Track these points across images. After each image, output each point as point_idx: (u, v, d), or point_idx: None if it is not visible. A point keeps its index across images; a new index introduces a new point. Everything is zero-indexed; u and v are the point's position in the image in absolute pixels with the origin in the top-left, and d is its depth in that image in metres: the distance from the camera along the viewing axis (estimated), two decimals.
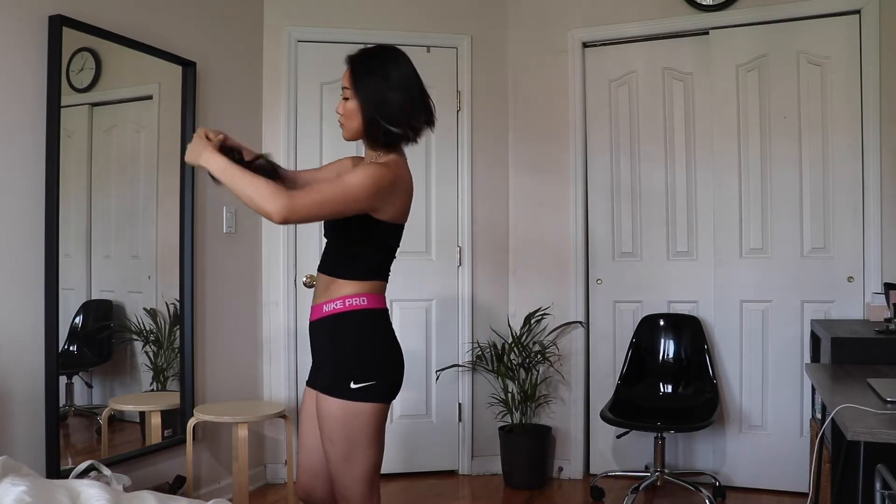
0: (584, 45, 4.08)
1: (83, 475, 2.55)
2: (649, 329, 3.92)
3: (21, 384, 2.61)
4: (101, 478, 2.57)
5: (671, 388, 3.83)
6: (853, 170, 3.58)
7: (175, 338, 3.35)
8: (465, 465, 4.08)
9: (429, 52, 4.06)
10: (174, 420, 3.30)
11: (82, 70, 2.90)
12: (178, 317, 3.35)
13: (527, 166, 4.16)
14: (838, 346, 2.78)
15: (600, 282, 4.07)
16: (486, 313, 4.13)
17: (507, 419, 3.99)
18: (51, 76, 2.70)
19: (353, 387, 1.94)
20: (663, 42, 3.96)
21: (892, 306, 3.05)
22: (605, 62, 4.07)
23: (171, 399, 3.32)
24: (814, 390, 3.30)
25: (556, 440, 4.06)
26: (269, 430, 3.92)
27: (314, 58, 3.95)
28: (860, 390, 2.17)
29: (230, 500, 2.82)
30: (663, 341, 3.90)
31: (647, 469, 3.84)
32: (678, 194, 3.93)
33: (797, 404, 3.67)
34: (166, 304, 3.32)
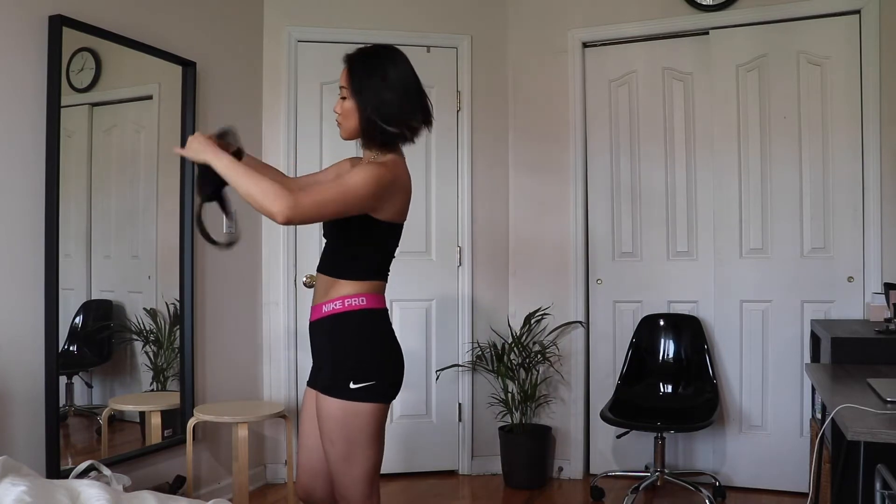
0: (584, 45, 4.08)
1: (83, 475, 2.55)
2: (649, 329, 3.92)
3: (21, 384, 2.61)
4: (101, 478, 2.57)
5: (671, 388, 3.83)
6: (853, 170, 3.58)
7: (175, 338, 3.35)
8: (465, 465, 4.08)
9: (429, 52, 4.06)
10: (174, 420, 3.30)
11: (82, 70, 2.90)
12: (178, 317, 3.35)
13: (527, 166, 4.16)
14: (838, 346, 2.78)
15: (600, 282, 4.07)
16: (486, 313, 4.13)
17: (507, 419, 3.99)
18: (51, 76, 2.70)
19: (353, 387, 1.94)
20: (663, 42, 3.96)
21: (892, 306, 3.05)
22: (605, 62, 4.07)
23: (171, 399, 3.32)
24: (814, 390, 3.30)
25: (556, 440, 4.06)
26: (269, 430, 3.92)
27: (314, 58, 3.95)
28: (860, 390, 2.17)
29: (230, 500, 2.82)
30: (663, 341, 3.90)
31: (647, 469, 3.84)
32: (678, 194, 3.93)
33: (797, 404, 3.67)
34: (166, 304, 3.32)
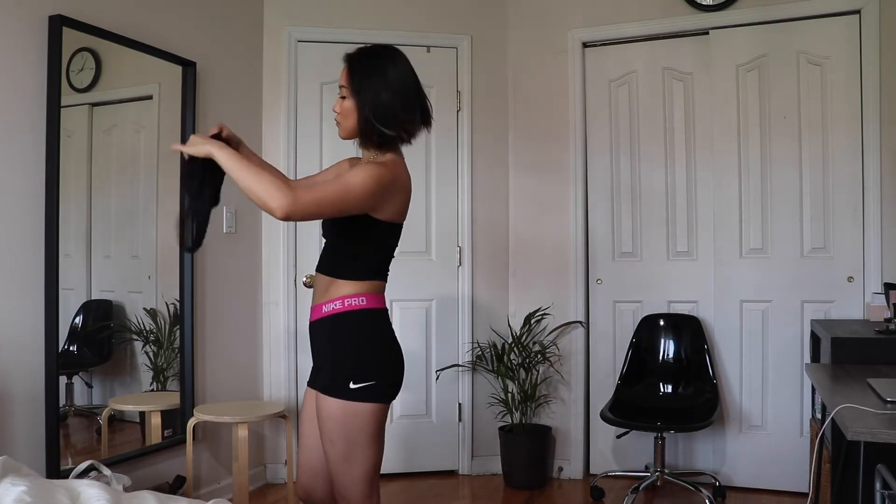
0: (584, 45, 4.08)
1: (83, 475, 2.55)
2: (649, 329, 3.92)
3: (21, 384, 2.61)
4: (101, 478, 2.57)
5: (671, 388, 3.83)
6: (853, 170, 3.58)
7: (175, 338, 3.35)
8: (465, 465, 4.08)
9: (429, 52, 4.06)
10: (174, 420, 3.30)
11: (82, 70, 2.90)
12: (178, 317, 3.35)
13: (527, 166, 4.16)
14: (838, 346, 2.78)
15: (600, 282, 4.07)
16: (486, 313, 4.13)
17: (507, 419, 3.99)
18: (51, 76, 2.70)
19: (353, 387, 1.94)
20: (663, 42, 3.96)
21: (892, 306, 3.05)
22: (605, 62, 4.07)
23: (171, 399, 3.32)
24: (814, 390, 3.30)
25: (556, 440, 4.06)
26: (269, 430, 3.92)
27: (314, 58, 3.95)
28: (860, 390, 2.17)
29: (230, 500, 2.82)
30: (663, 341, 3.90)
31: (647, 469, 3.84)
32: (678, 194, 3.93)
33: (797, 404, 3.67)
34: (166, 304, 3.32)
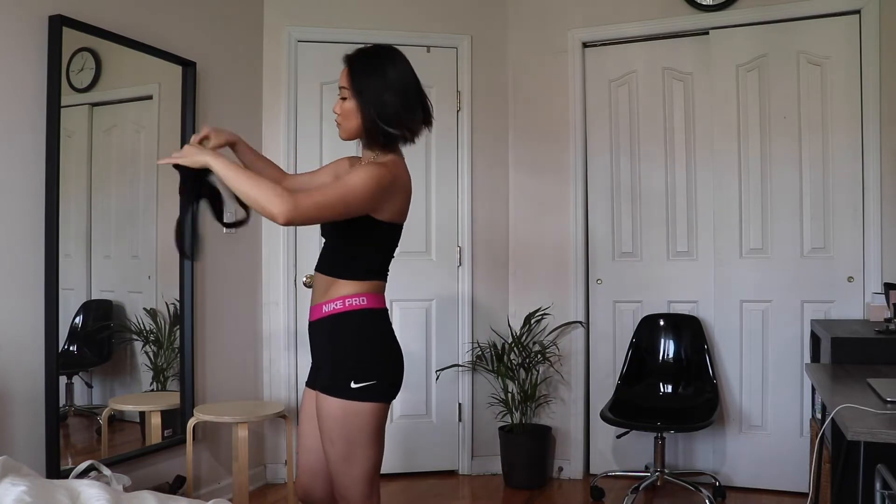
0: (584, 45, 4.08)
1: (83, 475, 2.55)
2: (649, 329, 3.92)
3: (21, 384, 2.61)
4: (101, 478, 2.57)
5: (671, 388, 3.83)
6: (853, 170, 3.58)
7: (175, 338, 3.35)
8: (465, 465, 4.08)
9: (429, 52, 4.06)
10: (174, 420, 3.30)
11: (82, 70, 2.90)
12: (178, 317, 3.35)
13: (527, 166, 4.16)
14: (838, 346, 2.78)
15: (600, 282, 4.07)
16: (486, 313, 4.12)
17: (507, 419, 3.99)
18: (51, 76, 2.70)
19: (354, 386, 1.94)
20: (663, 42, 3.96)
21: (892, 306, 3.05)
22: (605, 62, 4.07)
23: (171, 399, 3.32)
24: (814, 390, 3.30)
25: (556, 440, 4.06)
26: (269, 430, 3.92)
27: (314, 58, 3.95)
28: (860, 390, 2.17)
29: (230, 500, 2.82)
30: (663, 341, 3.90)
31: (647, 469, 3.84)
32: (678, 194, 3.93)
33: (797, 404, 3.67)
34: (166, 304, 3.32)
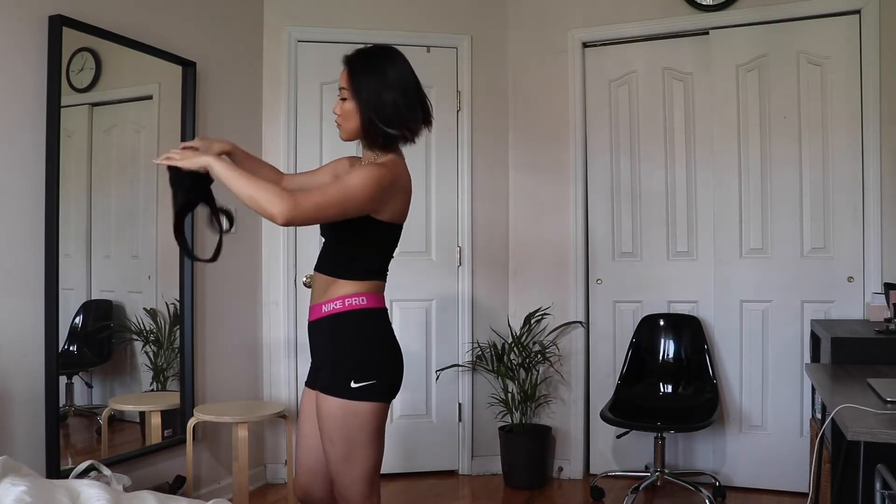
0: (584, 45, 4.08)
1: (83, 475, 2.55)
2: (649, 329, 3.92)
3: (21, 384, 2.61)
4: (101, 478, 2.57)
5: (671, 388, 3.83)
6: (853, 170, 3.58)
7: (175, 338, 3.35)
8: (465, 465, 4.08)
9: (429, 52, 4.06)
10: (174, 420, 3.30)
11: (82, 70, 2.90)
12: (178, 317, 3.35)
13: (527, 166, 4.16)
14: (838, 346, 2.78)
15: (600, 282, 4.07)
16: (486, 313, 4.12)
17: (507, 419, 3.99)
18: (51, 76, 2.70)
19: (353, 386, 1.94)
20: (663, 42, 3.96)
21: (892, 306, 3.05)
22: (605, 62, 4.07)
23: (171, 399, 3.32)
24: (814, 390, 3.30)
25: (556, 440, 4.06)
26: (269, 430, 3.92)
27: (314, 58, 3.95)
28: (860, 390, 2.17)
29: (230, 500, 2.82)
30: (663, 341, 3.90)
31: (647, 469, 3.84)
32: (678, 194, 3.93)
33: (797, 404, 3.67)
34: (166, 304, 3.32)
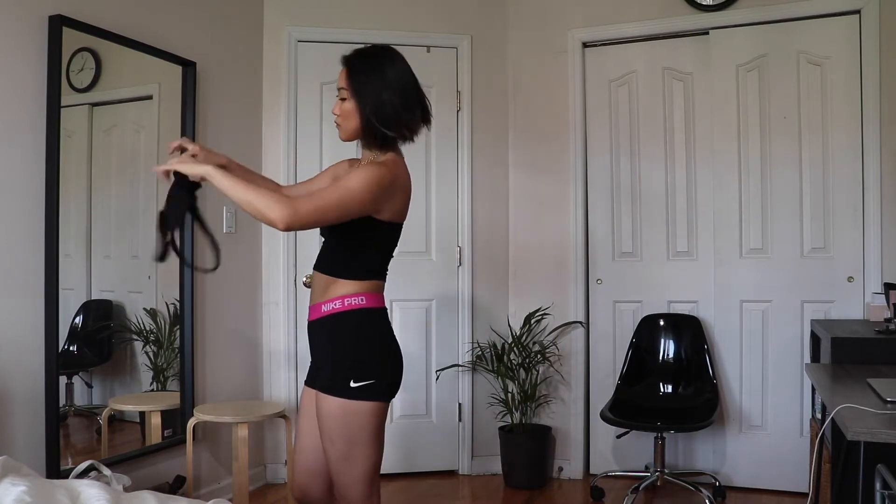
0: (584, 45, 4.08)
1: (83, 475, 2.55)
2: (649, 329, 3.92)
3: (21, 384, 2.61)
4: (101, 478, 2.57)
5: (671, 388, 3.83)
6: (853, 170, 3.58)
7: (175, 338, 3.35)
8: (465, 465, 4.08)
9: (429, 52, 4.06)
10: (174, 420, 3.30)
11: (82, 70, 2.90)
12: (178, 317, 3.35)
13: (527, 166, 4.16)
14: (838, 346, 2.78)
15: (600, 282, 4.07)
16: (486, 313, 4.12)
17: (507, 419, 3.99)
18: (51, 76, 2.70)
19: (353, 386, 1.94)
20: (663, 42, 3.96)
21: (892, 306, 3.05)
22: (605, 62, 4.07)
23: (171, 399, 3.32)
24: (814, 390, 3.30)
25: (556, 440, 4.06)
26: (269, 430, 3.92)
27: (314, 58, 3.95)
28: (860, 390, 2.17)
29: (230, 500, 2.82)
30: (663, 341, 3.90)
31: (647, 469, 3.84)
32: (678, 194, 3.93)
33: (797, 404, 3.67)
34: (166, 304, 3.32)
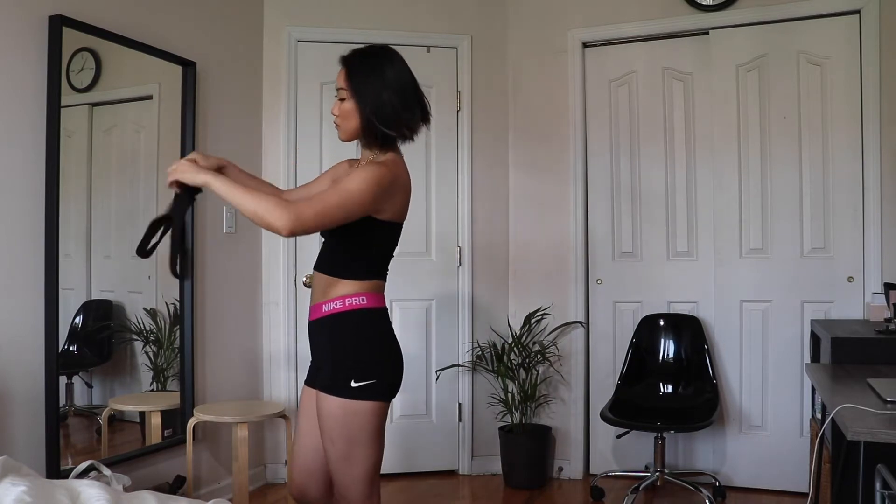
0: (584, 45, 4.08)
1: (83, 475, 2.55)
2: (649, 329, 3.92)
3: (21, 384, 2.61)
4: (101, 478, 2.57)
5: (671, 388, 3.83)
6: (853, 170, 3.58)
7: (175, 338, 3.35)
8: (465, 465, 4.08)
9: (429, 52, 4.06)
10: (174, 420, 3.30)
11: (82, 70, 2.90)
12: (178, 317, 3.35)
13: (527, 166, 4.16)
14: (838, 346, 2.78)
15: (600, 282, 4.07)
16: (486, 313, 4.12)
17: (507, 419, 3.99)
18: (51, 76, 2.70)
19: (353, 386, 1.94)
20: (663, 42, 3.96)
21: (892, 306, 3.05)
22: (605, 62, 4.07)
23: (171, 399, 3.32)
24: (814, 390, 3.30)
25: (556, 440, 4.06)
26: (269, 430, 3.92)
27: (314, 58, 3.95)
28: (860, 390, 2.17)
29: (230, 500, 2.82)
30: (663, 341, 3.90)
31: (647, 469, 3.84)
32: (678, 194, 3.93)
33: (797, 404, 3.67)
34: (166, 304, 3.32)
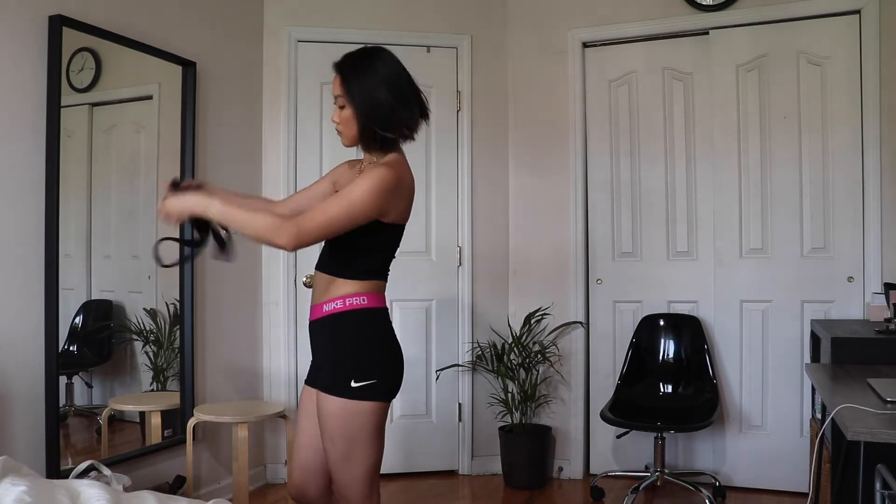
0: (584, 45, 4.08)
1: (83, 475, 2.55)
2: (649, 329, 3.92)
3: (21, 384, 2.61)
4: (101, 478, 2.57)
5: (671, 388, 3.83)
6: (853, 169, 3.58)
7: (175, 338, 3.35)
8: (465, 465, 4.08)
9: (429, 52, 4.06)
10: (174, 420, 3.30)
11: (82, 70, 2.90)
12: (178, 317, 3.35)
13: (527, 166, 4.16)
14: (838, 346, 2.78)
15: (600, 282, 4.07)
16: (486, 313, 4.12)
17: (507, 419, 3.99)
18: (51, 76, 2.70)
19: (354, 386, 1.94)
20: (663, 42, 3.96)
21: (892, 306, 3.05)
22: (605, 62, 4.07)
23: (171, 399, 3.32)
24: (814, 390, 3.30)
25: (556, 440, 4.06)
26: (269, 430, 3.92)
27: (314, 58, 3.95)
28: (860, 390, 2.17)
29: (230, 500, 2.82)
30: (663, 341, 3.90)
31: (647, 469, 3.84)
32: (678, 194, 3.93)
33: (797, 404, 3.67)
34: (166, 304, 3.32)
